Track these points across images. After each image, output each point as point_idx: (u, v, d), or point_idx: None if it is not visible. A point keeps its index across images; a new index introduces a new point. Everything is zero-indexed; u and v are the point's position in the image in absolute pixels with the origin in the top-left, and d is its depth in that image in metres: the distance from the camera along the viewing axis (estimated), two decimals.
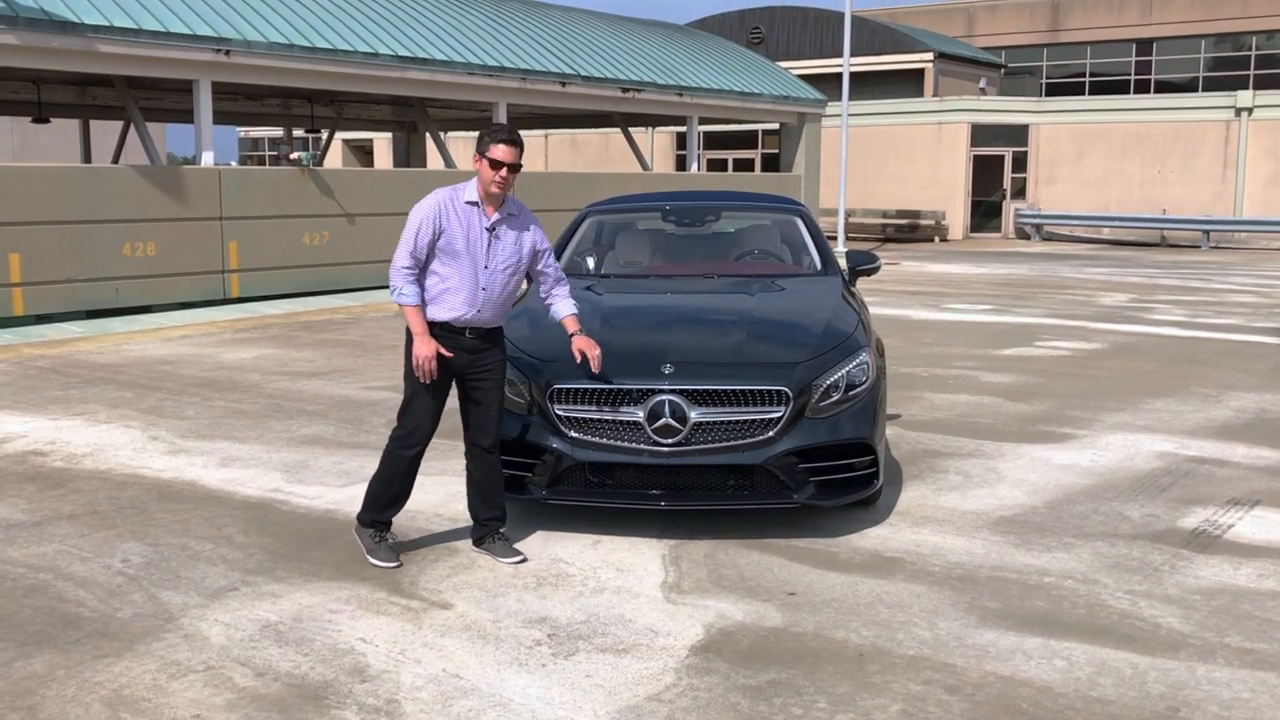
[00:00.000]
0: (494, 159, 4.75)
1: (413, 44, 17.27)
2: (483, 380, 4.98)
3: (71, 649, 4.05)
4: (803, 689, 3.75)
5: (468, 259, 4.81)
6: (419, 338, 4.79)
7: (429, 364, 4.78)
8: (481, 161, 4.79)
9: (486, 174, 4.78)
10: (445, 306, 4.83)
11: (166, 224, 14.14)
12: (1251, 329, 12.77)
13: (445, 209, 4.81)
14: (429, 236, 4.77)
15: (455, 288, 4.81)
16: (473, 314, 4.85)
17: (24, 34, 12.71)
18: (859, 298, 6.53)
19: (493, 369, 5.00)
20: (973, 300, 15.79)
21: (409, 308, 4.80)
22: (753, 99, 23.68)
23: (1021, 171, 31.68)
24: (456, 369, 4.92)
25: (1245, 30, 38.55)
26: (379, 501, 5.00)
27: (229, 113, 23.29)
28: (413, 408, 4.94)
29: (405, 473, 4.99)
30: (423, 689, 3.74)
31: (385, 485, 4.99)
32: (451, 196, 4.85)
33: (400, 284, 4.80)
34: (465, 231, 4.81)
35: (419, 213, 4.81)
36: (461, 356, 4.90)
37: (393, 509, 5.04)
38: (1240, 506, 5.84)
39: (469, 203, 4.85)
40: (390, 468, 4.97)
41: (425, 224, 4.77)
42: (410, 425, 4.94)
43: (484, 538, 5.11)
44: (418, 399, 4.92)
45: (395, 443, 4.97)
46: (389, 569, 4.87)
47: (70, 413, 8.10)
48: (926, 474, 6.42)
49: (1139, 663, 3.95)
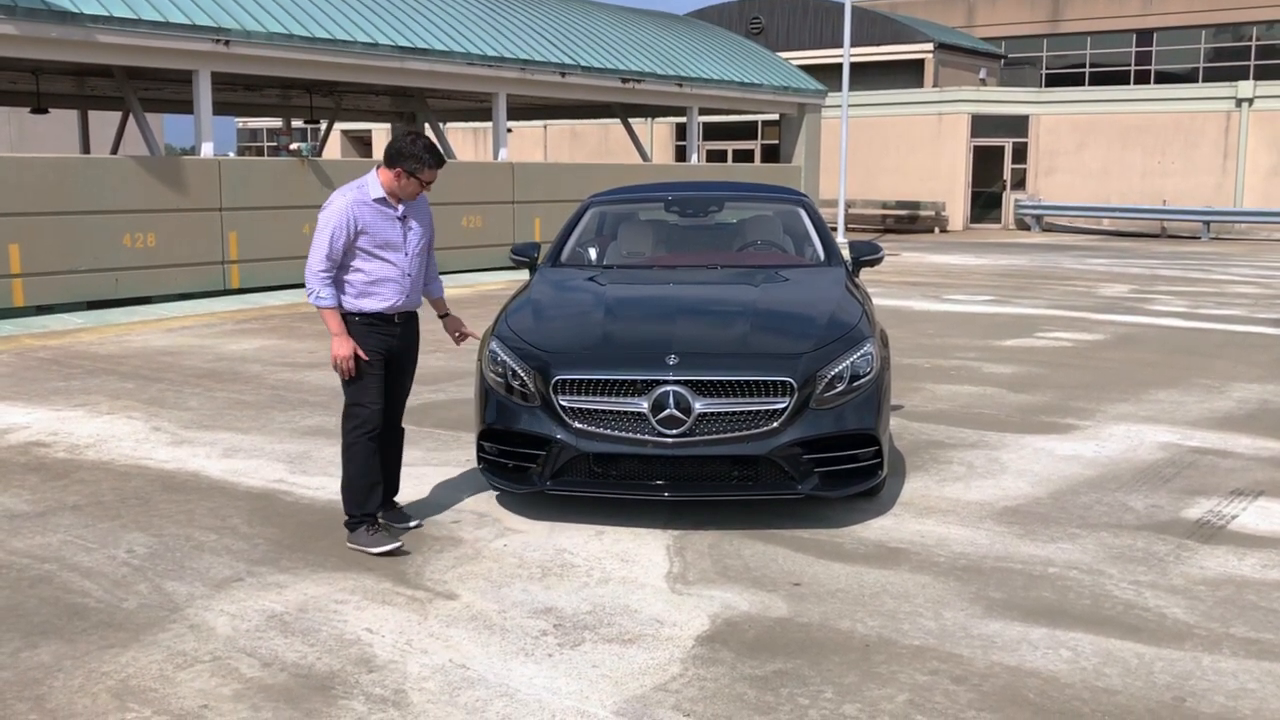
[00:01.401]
0: (426, 181, 5.03)
1: (412, 34, 17.23)
2: (405, 360, 5.25)
3: (78, 639, 4.05)
4: (809, 679, 3.75)
5: (392, 251, 5.05)
6: (337, 338, 5.01)
7: (347, 362, 5.00)
8: (408, 179, 4.99)
9: (411, 187, 5.02)
10: (378, 298, 5.07)
11: (166, 215, 14.12)
12: (1253, 320, 12.78)
13: (358, 211, 5.00)
14: (344, 239, 4.98)
15: (385, 279, 5.05)
16: (403, 300, 5.11)
17: (23, 24, 12.67)
18: (863, 288, 6.53)
19: (412, 349, 5.30)
20: (973, 291, 15.79)
21: (326, 310, 5.02)
22: (753, 89, 23.64)
23: (1021, 162, 31.65)
24: (389, 351, 5.15)
25: (1246, 20, 38.47)
26: (360, 496, 5.08)
27: (228, 103, 23.24)
28: (359, 398, 5.10)
29: (374, 457, 5.11)
30: (429, 679, 3.75)
31: (360, 476, 5.08)
32: (358, 196, 5.04)
33: (317, 287, 5.01)
34: (382, 226, 5.03)
35: (331, 218, 4.98)
36: (393, 341, 5.14)
37: (375, 496, 5.12)
38: (1244, 497, 5.84)
39: (377, 200, 5.04)
40: (356, 459, 5.08)
41: (340, 229, 4.97)
42: (366, 414, 5.08)
43: (383, 508, 5.29)
44: (367, 387, 5.08)
45: (353, 434, 5.09)
46: (393, 550, 4.93)
47: (72, 404, 8.09)
48: (930, 465, 6.42)
49: (1145, 653, 3.95)
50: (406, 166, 4.95)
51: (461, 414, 7.62)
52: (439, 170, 5.05)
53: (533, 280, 6.63)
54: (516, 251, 7.04)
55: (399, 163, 4.96)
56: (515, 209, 19.07)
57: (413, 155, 4.94)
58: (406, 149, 4.95)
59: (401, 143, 4.98)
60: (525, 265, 6.98)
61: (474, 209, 18.37)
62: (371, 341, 5.05)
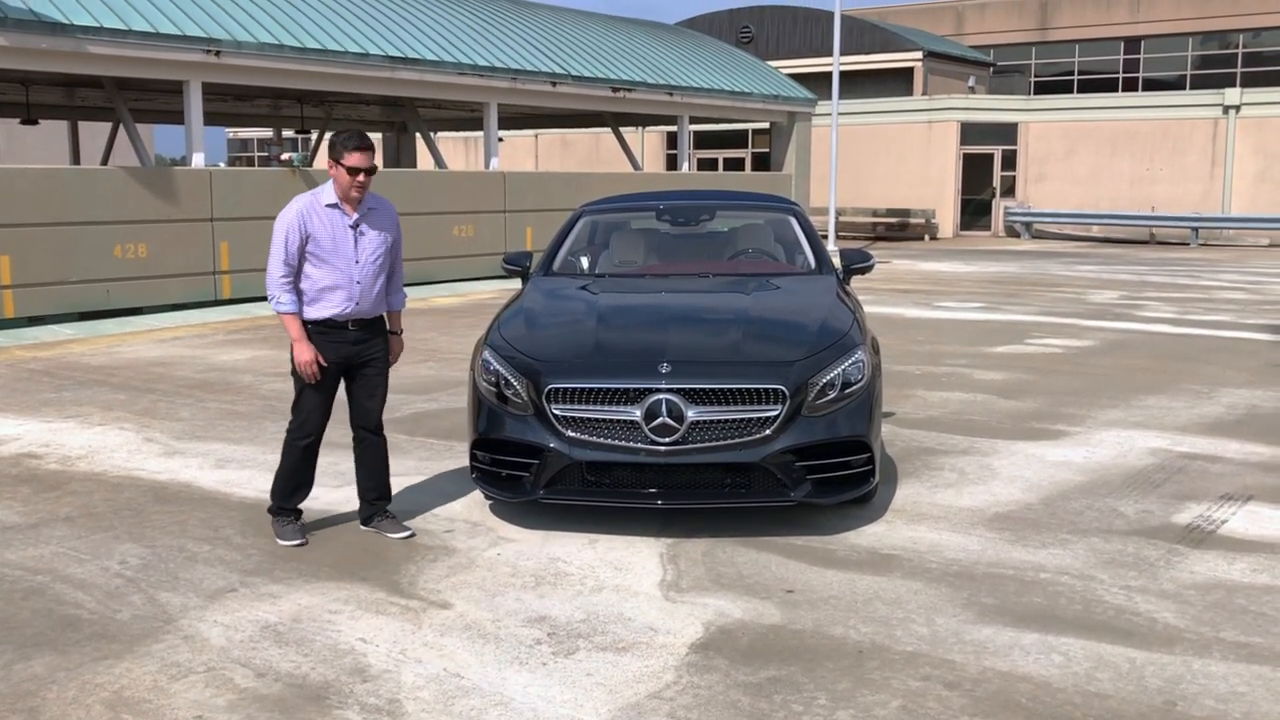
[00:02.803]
0: (351, 166, 4.99)
1: (403, 44, 17.25)
2: (367, 368, 5.25)
3: (71, 651, 4.05)
4: (803, 686, 3.76)
5: (339, 258, 5.06)
6: (297, 343, 5.06)
7: (310, 367, 5.05)
8: (338, 168, 5.01)
9: (345, 180, 5.02)
10: (325, 305, 5.09)
11: (157, 225, 14.10)
12: (1241, 325, 12.84)
13: (307, 215, 5.04)
14: (297, 243, 5.02)
15: (331, 286, 5.07)
16: (352, 308, 5.12)
17: (13, 35, 12.67)
18: (853, 296, 6.56)
19: (378, 356, 5.27)
20: (964, 298, 15.84)
21: (286, 315, 5.07)
22: (743, 98, 23.70)
23: (1011, 169, 31.77)
24: (343, 360, 5.17)
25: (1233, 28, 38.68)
26: (284, 491, 5.27)
27: (218, 113, 23.23)
28: (303, 402, 5.19)
29: (303, 462, 5.25)
30: (424, 688, 3.75)
31: (287, 476, 5.25)
32: (311, 202, 5.08)
33: (277, 293, 5.07)
34: (331, 233, 5.05)
35: (283, 223, 5.04)
36: (348, 349, 5.15)
37: (297, 496, 5.30)
38: (1233, 502, 5.87)
39: (329, 205, 5.07)
40: (289, 459, 5.25)
41: (291, 232, 5.01)
42: (302, 418, 5.19)
43: (372, 517, 5.39)
44: (307, 393, 5.16)
45: (290, 435, 5.25)
46: (296, 546, 5.14)
47: (64, 415, 8.08)
48: (922, 471, 6.45)
49: (1136, 657, 3.98)
50: (332, 154, 5.00)
51: (454, 423, 7.63)
52: (364, 153, 4.99)
53: (525, 289, 6.64)
54: (508, 261, 7.06)
55: (330, 155, 5.02)
56: (507, 218, 19.09)
57: (336, 142, 4.98)
58: (333, 139, 5.03)
59: (332, 136, 5.08)
60: (517, 274, 7.00)
61: (465, 218, 18.39)
62: (323, 349, 5.09)
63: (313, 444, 5.24)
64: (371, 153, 5.05)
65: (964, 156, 31.75)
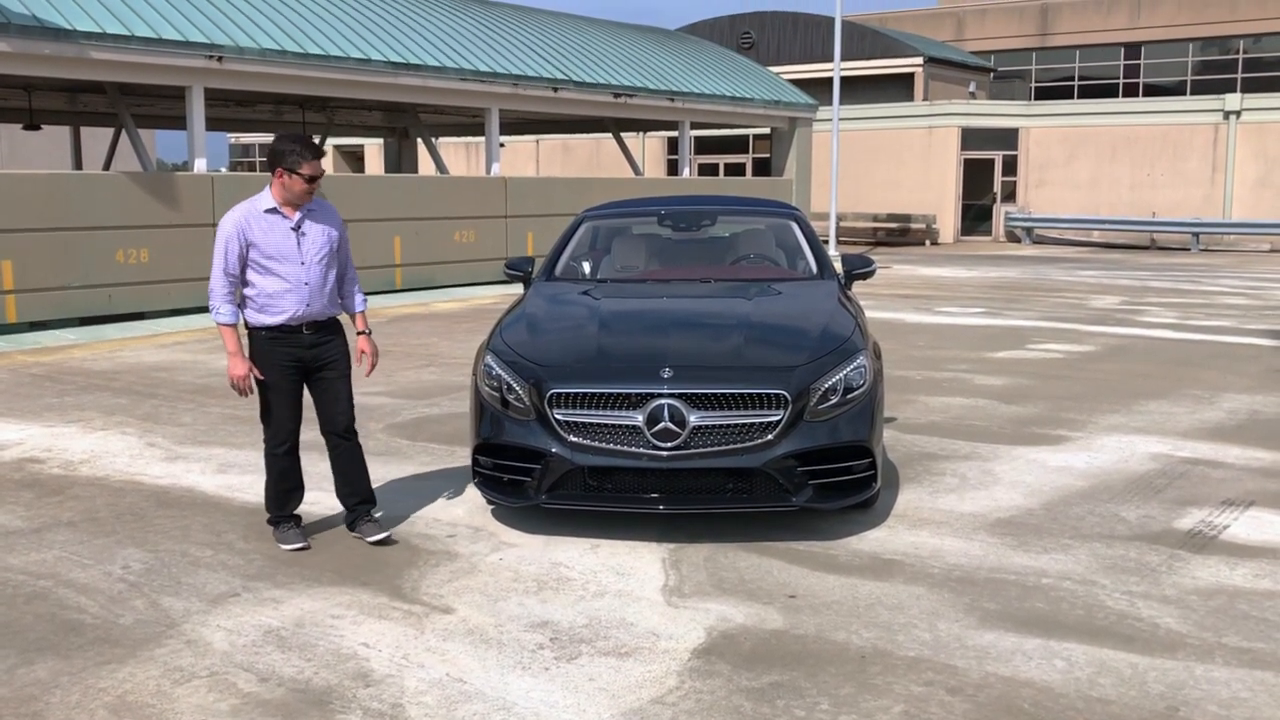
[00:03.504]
0: (309, 175, 4.95)
1: (405, 50, 17.28)
2: (327, 370, 5.22)
3: (74, 655, 4.05)
4: (805, 691, 3.77)
5: (284, 262, 5.03)
6: (232, 357, 5.06)
7: (244, 382, 5.06)
8: (291, 177, 4.96)
9: (299, 187, 4.97)
10: (276, 311, 5.07)
11: (159, 230, 14.13)
12: (1243, 330, 12.84)
13: (246, 224, 5.01)
14: (237, 252, 5.00)
15: (280, 291, 5.05)
16: (304, 310, 5.09)
17: (16, 41, 12.69)
18: (855, 301, 6.56)
19: (336, 359, 5.23)
20: (965, 303, 15.85)
21: (224, 327, 5.06)
22: (744, 104, 23.73)
23: (1011, 175, 31.79)
24: (299, 364, 5.15)
25: (1233, 34, 38.74)
26: (277, 500, 5.29)
27: (220, 119, 23.26)
28: (270, 411, 5.20)
29: (288, 469, 5.27)
30: (427, 693, 3.76)
31: (275, 485, 5.28)
32: (249, 209, 5.05)
33: (218, 304, 5.07)
34: (273, 238, 5.02)
35: (222, 233, 5.02)
36: (304, 352, 5.14)
37: (291, 502, 5.32)
38: (1235, 507, 5.88)
39: (268, 210, 5.04)
40: (273, 469, 5.27)
41: (231, 241, 5.00)
42: (274, 428, 5.21)
43: (355, 522, 5.37)
44: (274, 403, 5.17)
45: (268, 445, 5.27)
46: (298, 551, 5.15)
47: (66, 420, 8.09)
48: (923, 476, 6.45)
49: (1138, 663, 3.98)
50: (285, 164, 4.94)
51: (456, 428, 7.63)
52: (318, 160, 4.96)
53: (527, 294, 6.65)
54: (510, 266, 7.07)
55: (277, 163, 4.95)
56: (508, 223, 19.11)
57: (287, 151, 4.92)
58: (280, 147, 4.95)
59: (276, 144, 5.00)
60: (519, 279, 7.01)
61: (467, 223, 18.41)
62: (279, 355, 5.08)
63: (291, 449, 5.23)
64: (322, 158, 5.03)
65: (965, 162, 31.77)
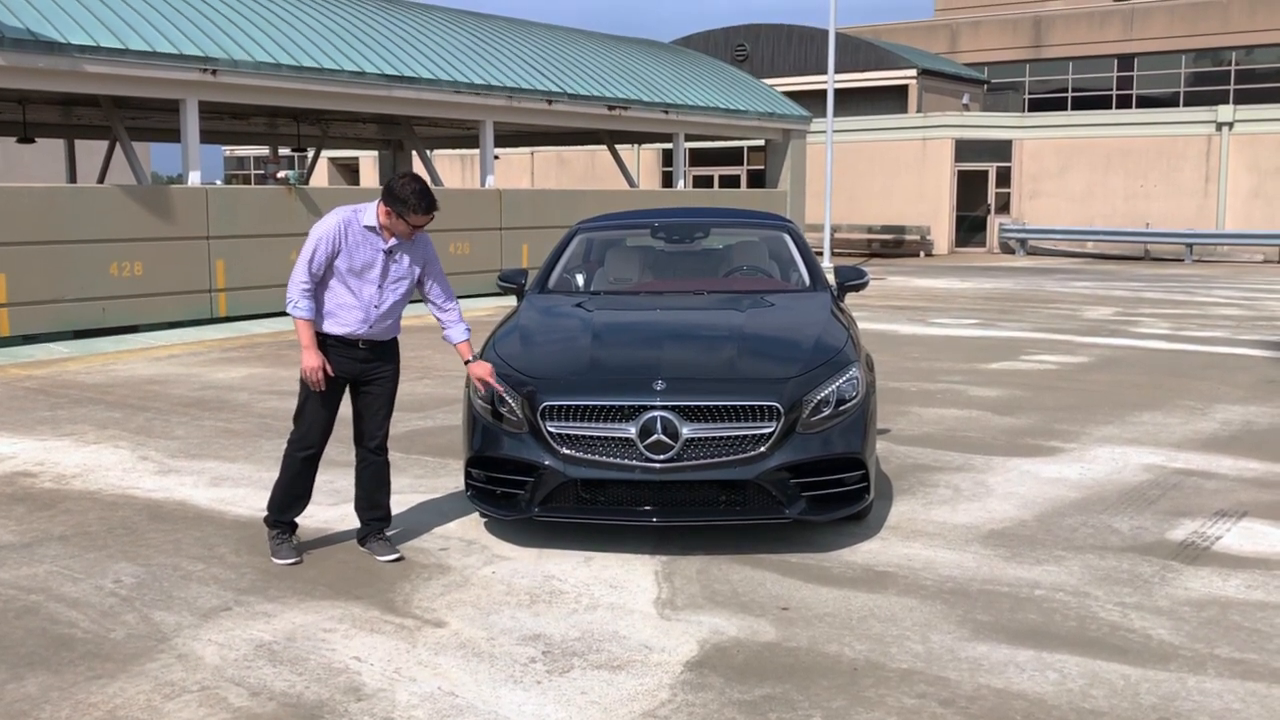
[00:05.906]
0: (414, 225, 5.02)
1: (399, 63, 17.31)
2: (373, 386, 5.25)
3: (65, 670, 4.04)
4: (797, 703, 3.76)
5: (364, 279, 5.07)
6: (306, 350, 5.06)
7: (315, 374, 5.05)
8: (397, 219, 5.00)
9: (401, 228, 5.03)
10: (340, 321, 5.10)
11: (153, 243, 14.11)
12: (1236, 341, 12.87)
13: (344, 230, 5.04)
14: (326, 254, 5.02)
15: (350, 305, 5.08)
16: (365, 329, 5.13)
17: (10, 54, 12.70)
18: (848, 313, 6.57)
19: (384, 377, 5.26)
20: (959, 315, 15.87)
21: (300, 321, 5.07)
22: (738, 116, 23.78)
23: (1005, 186, 31.87)
24: (349, 377, 5.18)
25: (1225, 45, 38.87)
26: (281, 503, 5.27)
27: (215, 132, 23.26)
28: (306, 413, 5.20)
29: (302, 474, 5.26)
30: (418, 707, 3.75)
31: (285, 488, 5.26)
32: (351, 218, 5.08)
33: (296, 297, 5.07)
34: (363, 253, 5.06)
35: (318, 231, 5.04)
36: (356, 365, 5.17)
37: (294, 509, 5.31)
38: (1228, 518, 5.88)
39: (367, 227, 5.07)
40: (288, 471, 5.26)
41: (324, 242, 5.02)
42: (304, 429, 5.21)
43: (367, 537, 5.36)
44: (310, 405, 5.18)
45: (291, 446, 5.26)
46: (291, 565, 5.13)
47: (58, 433, 8.07)
48: (916, 488, 6.45)
49: (1131, 674, 3.98)
50: (395, 208, 4.99)
51: (449, 440, 7.63)
52: (429, 215, 5.02)
53: (520, 307, 6.65)
54: (504, 278, 7.08)
55: (389, 202, 5.01)
56: (503, 235, 19.12)
57: (401, 199, 4.96)
58: (398, 190, 4.98)
59: (396, 183, 5.03)
60: (513, 291, 7.02)
61: (461, 235, 18.41)
62: (334, 362, 5.11)
63: (313, 456, 5.24)
64: (435, 211, 5.06)
65: (959, 173, 31.84)
